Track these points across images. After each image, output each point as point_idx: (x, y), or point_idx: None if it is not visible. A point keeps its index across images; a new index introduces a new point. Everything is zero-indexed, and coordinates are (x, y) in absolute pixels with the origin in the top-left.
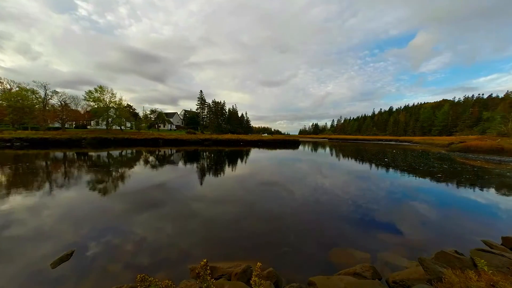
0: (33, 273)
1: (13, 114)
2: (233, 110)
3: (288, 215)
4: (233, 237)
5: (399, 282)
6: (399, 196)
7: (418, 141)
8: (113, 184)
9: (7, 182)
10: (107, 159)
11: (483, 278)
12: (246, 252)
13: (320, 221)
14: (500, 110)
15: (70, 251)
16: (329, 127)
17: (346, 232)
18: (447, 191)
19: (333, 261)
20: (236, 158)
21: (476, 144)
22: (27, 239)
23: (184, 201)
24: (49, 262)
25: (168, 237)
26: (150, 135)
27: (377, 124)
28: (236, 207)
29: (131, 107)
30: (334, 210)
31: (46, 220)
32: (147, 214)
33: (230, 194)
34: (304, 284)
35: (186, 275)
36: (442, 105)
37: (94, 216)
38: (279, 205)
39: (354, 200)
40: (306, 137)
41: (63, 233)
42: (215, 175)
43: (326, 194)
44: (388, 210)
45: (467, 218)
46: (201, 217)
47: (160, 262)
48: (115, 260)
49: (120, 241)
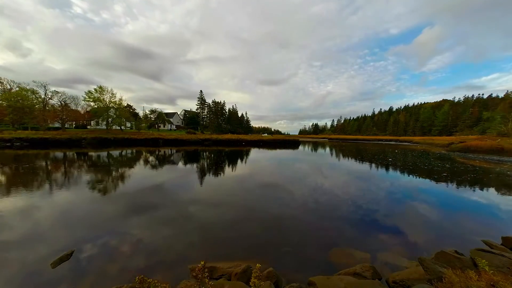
0: (34, 272)
1: (13, 114)
2: (233, 110)
3: (288, 215)
4: (233, 237)
5: (399, 282)
6: (399, 196)
7: (418, 141)
8: (112, 184)
9: (7, 181)
10: (107, 159)
11: (483, 278)
12: (246, 252)
13: (320, 221)
14: (500, 110)
15: (70, 251)
16: (329, 127)
17: (346, 232)
18: (447, 191)
19: (333, 261)
20: (236, 158)
21: (476, 144)
22: (27, 239)
23: (183, 201)
24: (49, 262)
25: (168, 237)
26: (150, 135)
27: (377, 124)
28: (236, 207)
29: (131, 107)
30: (334, 210)
31: (45, 220)
32: (147, 214)
33: (230, 194)
34: (304, 284)
35: (186, 275)
36: (442, 105)
37: (93, 216)
38: (279, 205)
39: (354, 200)
40: (306, 137)
41: (62, 233)
42: (214, 175)
43: (326, 194)
44: (388, 210)
45: (467, 218)
46: (201, 217)
47: (160, 262)
48: (115, 260)
49: (119, 241)
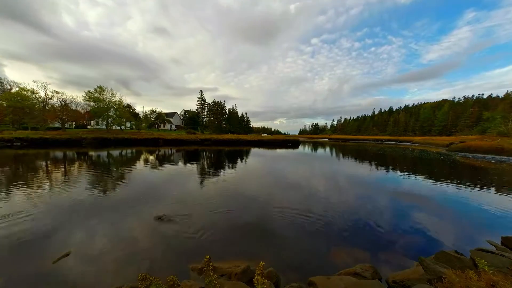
0: (34, 272)
1: (13, 114)
2: (233, 110)
3: (288, 215)
4: (233, 237)
5: (399, 282)
6: (399, 196)
7: (418, 141)
8: (113, 182)
9: (6, 181)
10: (107, 158)
11: (483, 278)
12: (246, 252)
13: (320, 221)
14: (500, 110)
15: (70, 249)
16: (329, 127)
17: (346, 232)
18: (446, 191)
19: (333, 261)
20: (235, 158)
21: (476, 144)
22: (27, 238)
23: (183, 201)
24: (50, 260)
25: (168, 237)
26: (150, 135)
27: (377, 124)
28: (236, 207)
29: (131, 107)
30: (334, 210)
31: (46, 218)
32: (147, 214)
33: (229, 194)
34: (304, 284)
35: (186, 275)
36: (442, 105)
37: (94, 215)
38: (278, 205)
39: (354, 200)
40: (306, 137)
41: (63, 231)
42: (214, 175)
43: (326, 194)
44: (388, 210)
45: (467, 218)
46: (201, 217)
47: (160, 262)
48: (115, 260)
49: (120, 241)
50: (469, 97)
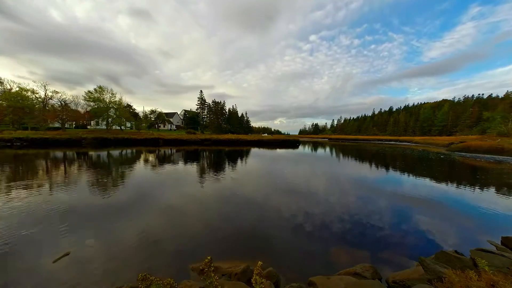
0: (34, 271)
1: (13, 114)
2: (233, 110)
3: (288, 215)
4: (233, 237)
5: (399, 282)
6: (398, 196)
7: (418, 141)
8: (113, 182)
9: (6, 180)
10: (107, 158)
11: (483, 278)
12: (246, 252)
13: (320, 221)
14: (500, 110)
15: (70, 249)
16: (329, 127)
17: (346, 232)
18: (446, 191)
19: (333, 261)
20: (235, 158)
21: (476, 144)
22: (27, 237)
23: (183, 201)
24: (51, 260)
25: (168, 237)
26: (150, 135)
27: (377, 124)
28: (236, 208)
29: (131, 107)
30: (333, 210)
31: (46, 217)
32: (147, 214)
33: (229, 194)
34: (304, 284)
35: (186, 275)
36: (442, 105)
37: (94, 214)
38: (279, 205)
39: (354, 200)
40: (306, 137)
41: (63, 231)
42: (214, 175)
43: (326, 194)
44: (388, 210)
45: (467, 218)
46: (201, 217)
47: (161, 262)
48: (115, 259)
49: (120, 240)
50: (469, 97)
